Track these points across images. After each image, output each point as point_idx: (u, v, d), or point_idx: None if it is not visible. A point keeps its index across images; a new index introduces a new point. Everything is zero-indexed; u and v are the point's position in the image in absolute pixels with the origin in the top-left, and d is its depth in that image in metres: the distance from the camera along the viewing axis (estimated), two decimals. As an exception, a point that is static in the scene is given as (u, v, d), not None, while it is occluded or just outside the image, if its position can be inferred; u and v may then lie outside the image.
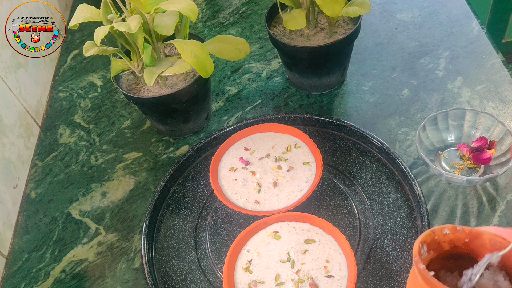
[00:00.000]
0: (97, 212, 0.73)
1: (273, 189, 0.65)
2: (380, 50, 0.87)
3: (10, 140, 0.78)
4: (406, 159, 0.70)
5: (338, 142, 0.73)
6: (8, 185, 0.75)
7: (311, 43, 0.74)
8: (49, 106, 0.92)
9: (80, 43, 1.04)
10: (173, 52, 0.79)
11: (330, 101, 0.81)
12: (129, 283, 0.65)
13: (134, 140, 0.82)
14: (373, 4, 0.95)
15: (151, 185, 0.75)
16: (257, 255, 0.59)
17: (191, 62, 0.64)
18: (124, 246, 0.69)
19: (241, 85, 0.87)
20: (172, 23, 0.67)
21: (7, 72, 0.82)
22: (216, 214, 0.68)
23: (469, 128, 0.68)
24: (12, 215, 0.75)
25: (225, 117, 0.82)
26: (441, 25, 0.89)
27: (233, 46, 0.71)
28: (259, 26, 0.97)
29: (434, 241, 0.37)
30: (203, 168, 0.74)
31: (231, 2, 1.04)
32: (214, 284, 0.62)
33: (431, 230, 0.37)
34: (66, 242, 0.71)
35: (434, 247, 0.37)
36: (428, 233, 0.37)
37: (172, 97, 0.71)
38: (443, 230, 0.37)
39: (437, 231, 0.37)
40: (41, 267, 0.69)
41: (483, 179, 0.61)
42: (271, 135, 0.72)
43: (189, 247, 0.66)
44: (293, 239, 0.59)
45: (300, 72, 0.80)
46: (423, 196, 0.62)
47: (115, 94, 0.91)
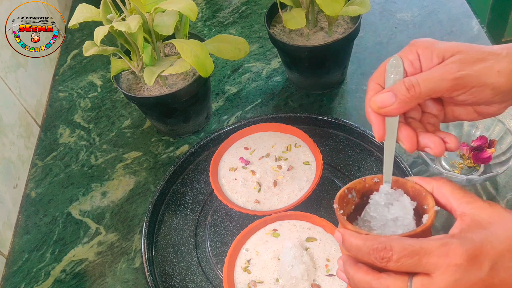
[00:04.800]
0: (97, 212, 0.74)
1: (273, 188, 0.65)
2: (380, 49, 0.87)
3: (10, 140, 0.78)
4: (406, 158, 0.70)
5: (338, 141, 0.73)
6: (8, 185, 0.75)
7: (311, 43, 0.74)
8: (49, 106, 0.92)
9: (80, 43, 1.04)
10: (173, 52, 0.79)
11: (330, 101, 0.81)
12: (129, 283, 0.65)
13: (134, 139, 0.82)
14: (373, 3, 0.95)
15: (151, 185, 0.75)
16: (255, 254, 0.59)
17: (191, 62, 0.64)
18: (124, 246, 0.69)
19: (241, 84, 0.87)
20: (171, 23, 0.67)
21: (7, 72, 0.82)
22: (216, 213, 0.68)
23: (469, 127, 0.68)
24: (12, 215, 0.75)
25: (225, 117, 0.82)
26: (441, 24, 0.89)
27: (232, 45, 0.71)
28: (259, 26, 0.97)
29: (364, 187, 0.42)
30: (203, 168, 0.74)
31: (230, 2, 1.04)
32: (214, 283, 0.62)
33: (361, 179, 0.42)
34: (66, 242, 0.71)
35: (366, 193, 0.42)
36: (359, 181, 0.42)
37: (172, 96, 0.71)
38: (373, 179, 0.42)
39: (367, 180, 0.42)
40: (41, 267, 0.69)
41: (483, 178, 0.61)
42: (271, 134, 0.72)
43: (189, 246, 0.66)
44: (294, 236, 0.59)
45: (300, 72, 0.80)
46: (423, 195, 0.62)
47: (115, 94, 0.91)
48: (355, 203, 0.43)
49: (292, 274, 0.55)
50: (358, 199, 0.43)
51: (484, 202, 0.37)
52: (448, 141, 0.41)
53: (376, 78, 0.43)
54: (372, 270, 0.36)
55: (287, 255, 0.56)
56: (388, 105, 0.40)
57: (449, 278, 0.33)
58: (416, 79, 0.40)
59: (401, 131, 0.41)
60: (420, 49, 0.42)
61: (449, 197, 0.38)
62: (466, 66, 0.39)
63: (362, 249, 0.36)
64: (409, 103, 0.40)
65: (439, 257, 0.33)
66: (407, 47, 0.43)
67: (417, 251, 0.33)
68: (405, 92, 0.40)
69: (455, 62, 0.40)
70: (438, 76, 0.40)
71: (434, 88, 0.40)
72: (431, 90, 0.40)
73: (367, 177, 0.43)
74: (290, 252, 0.56)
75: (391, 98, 0.40)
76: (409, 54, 0.42)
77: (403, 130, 0.41)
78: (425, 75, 0.40)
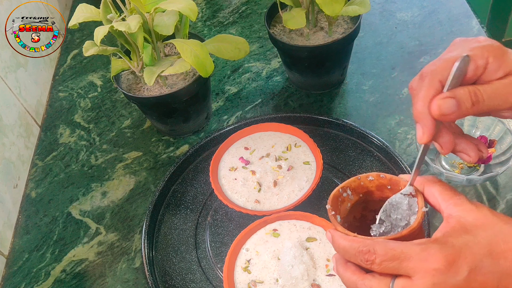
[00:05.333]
0: (98, 212, 0.74)
1: (273, 188, 0.65)
2: (380, 49, 0.87)
3: (10, 140, 0.78)
4: (406, 158, 0.70)
5: (338, 141, 0.73)
6: (8, 185, 0.75)
7: (311, 43, 0.74)
8: (49, 106, 0.92)
9: (80, 43, 1.04)
10: (173, 52, 0.79)
11: (330, 100, 0.81)
12: (129, 283, 0.65)
13: (134, 139, 0.82)
14: (372, 3, 0.95)
15: (151, 185, 0.75)
16: (255, 254, 0.59)
17: (191, 62, 0.64)
18: (124, 246, 0.69)
19: (241, 84, 0.87)
20: (172, 23, 0.67)
21: (7, 72, 0.82)
22: (216, 213, 0.68)
23: (469, 127, 0.68)
24: (13, 215, 0.75)
25: (225, 117, 0.82)
26: (441, 24, 0.89)
27: (233, 45, 0.71)
28: (259, 26, 0.97)
29: (360, 186, 0.43)
30: (203, 168, 0.74)
31: (230, 2, 1.04)
32: (214, 283, 0.62)
33: (356, 177, 0.43)
34: (66, 242, 0.71)
35: (362, 191, 0.43)
36: (353, 179, 0.43)
37: (172, 96, 0.71)
38: (368, 177, 0.43)
39: (362, 178, 0.43)
40: (41, 267, 0.69)
41: (483, 178, 0.61)
42: (271, 134, 0.72)
43: (189, 246, 0.66)
44: (294, 236, 0.59)
45: (300, 72, 0.80)
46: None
47: (115, 94, 0.91)
48: (351, 201, 0.43)
49: (292, 274, 0.55)
50: (354, 197, 0.43)
51: (472, 205, 0.37)
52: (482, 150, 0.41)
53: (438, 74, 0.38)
54: (359, 270, 0.37)
55: (287, 255, 0.56)
56: (450, 114, 0.37)
57: (427, 282, 0.34)
58: (481, 93, 0.37)
59: (443, 136, 0.39)
60: (492, 57, 0.38)
61: (438, 198, 0.39)
62: None
63: (349, 251, 0.37)
64: (468, 115, 0.38)
65: (418, 261, 0.34)
66: (479, 48, 0.38)
67: (398, 255, 0.35)
68: (469, 105, 0.37)
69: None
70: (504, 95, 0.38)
71: (496, 106, 0.38)
72: (492, 108, 0.38)
73: (361, 176, 0.43)
74: (290, 252, 0.56)
75: (454, 107, 0.37)
76: (479, 58, 0.38)
77: (445, 135, 0.39)
78: (490, 90, 0.38)
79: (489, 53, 0.38)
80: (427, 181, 0.40)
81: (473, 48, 0.38)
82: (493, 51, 0.38)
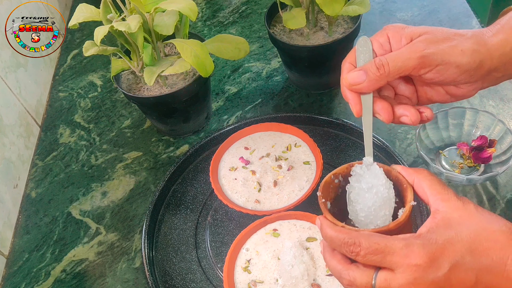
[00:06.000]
0: (98, 212, 0.74)
1: (273, 188, 0.65)
2: (380, 49, 0.87)
3: (10, 140, 0.78)
4: (406, 158, 0.70)
5: (338, 141, 0.73)
6: (8, 185, 0.76)
7: (311, 42, 0.74)
8: (49, 106, 0.92)
9: (80, 43, 1.04)
10: (173, 52, 0.79)
11: (330, 100, 0.81)
12: (129, 283, 0.65)
13: (134, 139, 0.82)
14: (372, 3, 0.95)
15: (151, 185, 0.75)
16: (255, 254, 0.59)
17: (191, 62, 0.64)
18: (124, 246, 0.69)
19: (241, 84, 0.87)
20: (172, 23, 0.67)
21: (7, 72, 0.82)
22: (216, 213, 0.68)
23: (469, 126, 0.68)
24: (13, 215, 0.75)
25: (225, 117, 0.82)
26: (441, 24, 0.89)
27: (233, 45, 0.71)
28: (259, 25, 0.97)
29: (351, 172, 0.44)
30: (203, 168, 0.74)
31: (230, 2, 1.04)
32: (214, 283, 0.62)
33: (348, 164, 0.44)
34: (66, 242, 0.71)
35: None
36: (346, 166, 0.44)
37: (172, 96, 0.71)
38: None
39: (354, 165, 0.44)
40: (41, 267, 0.69)
41: (483, 178, 0.61)
42: (271, 134, 0.72)
43: (189, 246, 0.66)
44: (294, 236, 0.59)
45: (300, 71, 0.80)
46: (423, 195, 0.62)
47: (115, 94, 0.91)
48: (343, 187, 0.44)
49: (292, 274, 0.55)
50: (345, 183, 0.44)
51: (459, 201, 0.38)
52: (423, 111, 0.44)
53: (349, 59, 0.46)
54: (345, 260, 0.39)
55: (287, 255, 0.56)
56: (360, 82, 0.43)
57: (408, 276, 0.35)
58: (385, 59, 0.43)
59: (377, 104, 0.44)
60: (390, 32, 0.45)
61: (427, 192, 0.40)
62: (432, 45, 0.42)
63: (335, 241, 0.39)
64: (380, 81, 0.43)
65: (401, 257, 0.36)
66: (379, 31, 0.46)
67: (382, 249, 0.36)
68: (375, 71, 0.43)
69: (422, 41, 0.42)
70: (406, 55, 0.42)
71: (402, 67, 0.42)
72: (399, 69, 0.42)
73: (353, 163, 0.44)
74: (290, 251, 0.56)
75: (362, 76, 0.43)
76: (379, 37, 0.45)
77: (378, 103, 0.44)
78: (393, 54, 0.43)
79: (387, 31, 0.45)
80: (417, 174, 0.41)
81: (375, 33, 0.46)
82: (392, 28, 0.45)
